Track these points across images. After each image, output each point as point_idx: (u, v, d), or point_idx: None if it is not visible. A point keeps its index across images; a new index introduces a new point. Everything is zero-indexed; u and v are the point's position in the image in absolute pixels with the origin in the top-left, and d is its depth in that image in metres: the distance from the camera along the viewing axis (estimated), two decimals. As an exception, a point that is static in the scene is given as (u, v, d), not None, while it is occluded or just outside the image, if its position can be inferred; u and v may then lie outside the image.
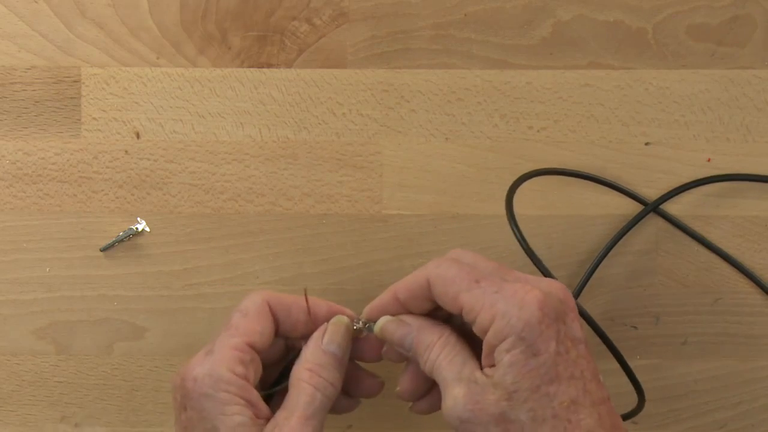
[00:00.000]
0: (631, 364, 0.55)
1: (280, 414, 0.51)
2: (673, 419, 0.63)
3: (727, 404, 0.63)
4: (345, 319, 0.54)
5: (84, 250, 0.63)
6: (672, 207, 0.62)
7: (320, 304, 0.54)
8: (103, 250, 0.62)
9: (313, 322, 0.54)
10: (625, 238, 0.62)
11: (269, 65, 0.62)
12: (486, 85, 0.62)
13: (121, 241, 0.62)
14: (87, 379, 0.63)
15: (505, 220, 0.62)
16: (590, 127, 0.62)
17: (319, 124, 0.62)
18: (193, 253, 0.63)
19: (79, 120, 0.62)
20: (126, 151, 0.62)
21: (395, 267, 0.62)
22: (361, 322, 0.54)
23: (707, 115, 0.62)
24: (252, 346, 0.52)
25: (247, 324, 0.52)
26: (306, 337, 0.53)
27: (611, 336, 0.55)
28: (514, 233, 0.56)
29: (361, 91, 0.62)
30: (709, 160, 0.62)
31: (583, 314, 0.54)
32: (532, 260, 0.55)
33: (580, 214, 0.62)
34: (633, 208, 0.62)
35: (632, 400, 0.58)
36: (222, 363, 0.50)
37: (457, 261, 0.51)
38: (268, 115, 0.62)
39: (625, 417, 0.58)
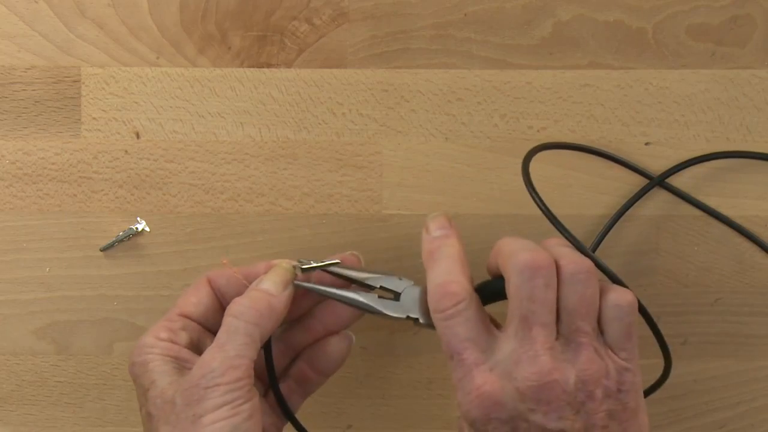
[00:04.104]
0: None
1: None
2: (673, 419, 0.63)
3: (727, 404, 0.63)
4: (284, 263, 0.55)
5: (84, 250, 0.63)
6: (671, 203, 0.62)
7: (258, 265, 0.56)
8: (103, 250, 0.63)
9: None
10: (624, 238, 0.62)
11: (269, 65, 0.62)
12: (486, 85, 0.62)
13: (121, 241, 0.62)
14: (87, 379, 0.63)
15: (505, 219, 0.62)
16: (590, 127, 0.62)
17: (319, 124, 0.62)
18: (193, 253, 0.63)
19: (79, 120, 0.62)
20: (126, 151, 0.62)
21: (395, 267, 0.62)
22: (302, 263, 0.55)
23: (707, 115, 0.62)
24: (187, 316, 0.54)
25: (182, 298, 0.55)
26: None
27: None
28: (533, 198, 0.54)
29: (361, 91, 0.62)
30: (709, 160, 0.62)
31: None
32: (552, 223, 0.53)
33: (580, 214, 0.62)
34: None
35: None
36: (149, 334, 0.53)
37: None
38: (268, 115, 0.62)
39: (654, 387, 0.56)
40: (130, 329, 0.63)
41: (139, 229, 0.62)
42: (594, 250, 0.61)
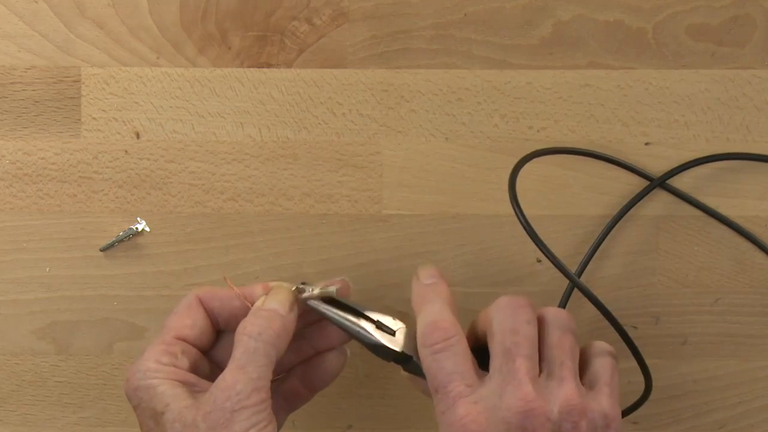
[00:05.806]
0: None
1: (221, 374, 0.51)
2: (673, 419, 0.63)
3: (727, 404, 0.63)
4: (285, 284, 0.54)
5: (84, 250, 0.63)
6: (672, 204, 0.62)
7: (254, 286, 0.55)
8: (103, 250, 0.63)
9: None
10: (625, 238, 0.62)
11: (269, 65, 0.62)
12: (486, 85, 0.62)
13: (121, 241, 0.62)
14: (87, 379, 0.63)
15: (505, 219, 0.62)
16: (590, 127, 0.62)
17: (319, 124, 0.62)
18: (193, 253, 0.63)
19: (79, 120, 0.62)
20: (126, 151, 0.62)
21: (395, 267, 0.62)
22: (304, 287, 0.54)
23: (707, 115, 0.62)
24: (184, 339, 0.53)
25: (175, 319, 0.54)
26: None
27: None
28: (516, 214, 0.54)
29: (361, 91, 0.62)
30: (709, 160, 0.62)
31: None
32: (535, 242, 0.54)
33: (580, 214, 0.62)
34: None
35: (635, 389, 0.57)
36: (149, 357, 0.52)
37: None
38: (268, 115, 0.62)
39: (633, 407, 0.57)
40: (130, 329, 0.63)
41: (139, 229, 0.62)
42: (594, 251, 0.61)
